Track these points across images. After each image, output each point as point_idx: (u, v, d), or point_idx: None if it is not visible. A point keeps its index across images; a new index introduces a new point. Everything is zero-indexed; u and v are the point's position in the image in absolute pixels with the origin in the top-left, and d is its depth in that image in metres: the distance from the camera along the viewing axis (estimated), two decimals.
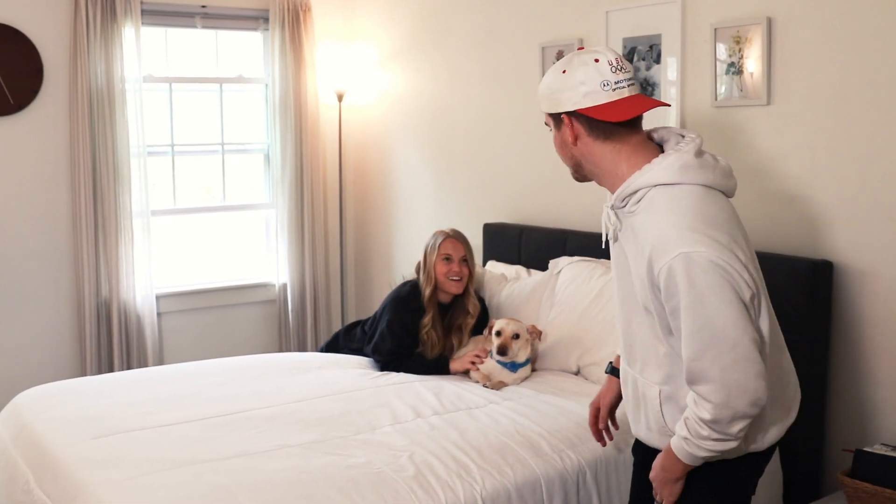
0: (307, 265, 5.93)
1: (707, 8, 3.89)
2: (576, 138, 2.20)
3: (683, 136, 2.22)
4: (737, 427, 2.07)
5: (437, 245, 4.19)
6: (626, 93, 2.14)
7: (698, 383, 2.06)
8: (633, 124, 2.19)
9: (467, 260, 4.20)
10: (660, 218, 2.08)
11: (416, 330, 4.12)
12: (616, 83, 2.14)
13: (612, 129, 2.17)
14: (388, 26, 5.86)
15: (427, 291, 4.15)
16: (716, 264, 2.00)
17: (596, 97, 2.14)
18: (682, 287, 2.01)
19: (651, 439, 2.32)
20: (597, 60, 2.15)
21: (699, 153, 2.17)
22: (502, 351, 3.82)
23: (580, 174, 2.31)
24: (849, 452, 3.36)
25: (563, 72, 2.17)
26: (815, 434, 3.54)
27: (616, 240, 2.25)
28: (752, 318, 2.06)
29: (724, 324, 2.01)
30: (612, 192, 2.22)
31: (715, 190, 2.17)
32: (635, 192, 2.14)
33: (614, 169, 2.21)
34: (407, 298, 4.19)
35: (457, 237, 4.24)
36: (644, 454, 2.44)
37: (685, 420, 2.13)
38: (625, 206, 2.17)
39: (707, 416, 2.06)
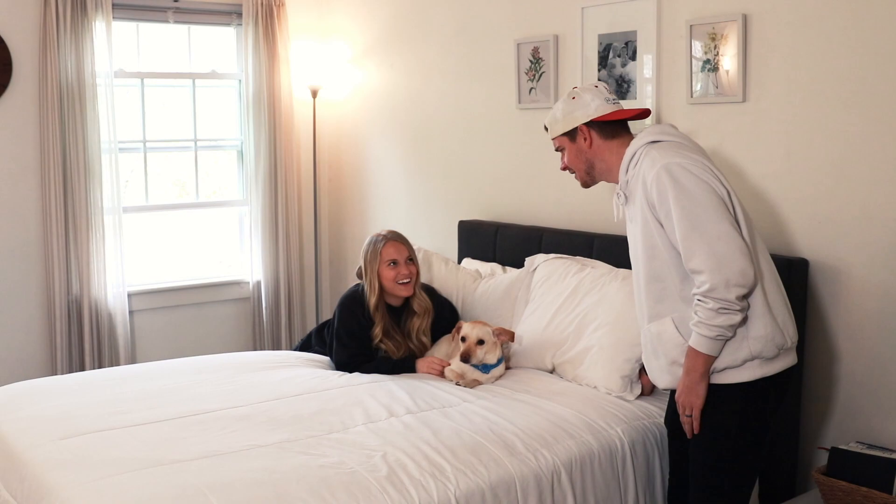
0: (281, 262, 5.88)
1: (683, 5, 3.88)
2: (591, 143, 2.90)
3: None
4: (734, 293, 2.55)
5: (379, 251, 4.03)
6: (619, 106, 2.94)
7: (692, 259, 2.59)
8: (627, 128, 2.93)
9: (412, 259, 4.10)
10: (649, 159, 2.71)
11: (366, 337, 4.02)
12: (613, 100, 2.93)
13: (617, 130, 2.91)
14: (363, 22, 5.82)
15: (372, 301, 4.01)
16: (691, 170, 2.64)
17: (604, 108, 2.89)
18: (668, 186, 2.62)
19: (671, 381, 2.79)
20: (596, 86, 2.95)
21: (674, 126, 2.87)
22: (465, 358, 3.79)
23: (591, 177, 2.97)
24: (824, 450, 3.36)
25: (573, 98, 2.92)
26: (790, 432, 3.53)
27: (630, 220, 2.86)
28: (729, 212, 2.63)
29: (706, 208, 2.59)
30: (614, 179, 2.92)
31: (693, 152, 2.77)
32: (632, 155, 2.78)
33: (620, 158, 2.86)
34: (351, 306, 4.08)
35: (397, 238, 4.09)
36: (675, 418, 2.87)
37: (694, 309, 2.63)
38: (628, 175, 2.79)
39: (705, 286, 2.56)
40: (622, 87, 4.15)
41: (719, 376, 2.70)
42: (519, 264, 4.40)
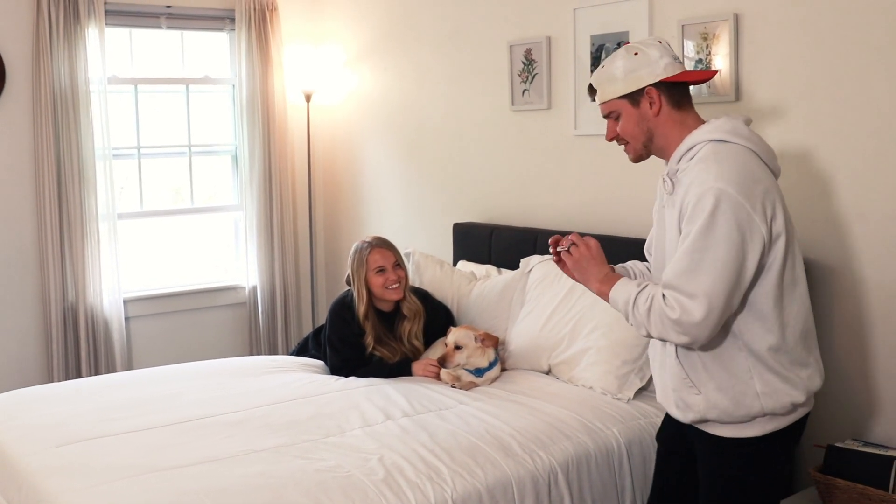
0: (277, 267, 5.88)
1: (674, 4, 3.88)
2: (659, 109, 2.46)
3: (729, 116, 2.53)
4: (675, 336, 2.33)
5: (365, 259, 4.03)
6: (684, 66, 2.52)
7: (675, 277, 2.32)
8: (691, 98, 2.54)
9: (399, 263, 4.09)
10: (706, 165, 2.34)
11: (358, 342, 4.02)
12: (679, 59, 2.51)
13: (684, 99, 2.50)
14: (356, 26, 5.82)
15: (361, 309, 4.01)
16: (737, 212, 2.27)
17: (674, 67, 2.46)
18: (706, 212, 2.27)
19: (664, 400, 2.58)
20: (660, 42, 2.51)
21: (748, 122, 2.48)
22: (441, 362, 3.80)
23: (647, 150, 2.53)
24: (821, 448, 3.36)
25: (636, 54, 2.46)
26: None
27: (663, 206, 2.51)
28: (741, 268, 2.29)
29: (718, 258, 2.27)
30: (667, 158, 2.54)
31: (760, 159, 2.42)
32: (692, 147, 2.41)
33: (681, 136, 2.46)
34: (341, 312, 4.08)
35: (382, 245, 4.09)
36: (670, 441, 2.70)
37: (649, 294, 2.38)
38: (680, 164, 2.43)
39: (676, 307, 2.30)
40: None
41: (727, 429, 2.45)
42: (514, 266, 4.40)
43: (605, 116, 2.54)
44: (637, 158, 2.56)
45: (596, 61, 4.23)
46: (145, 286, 5.69)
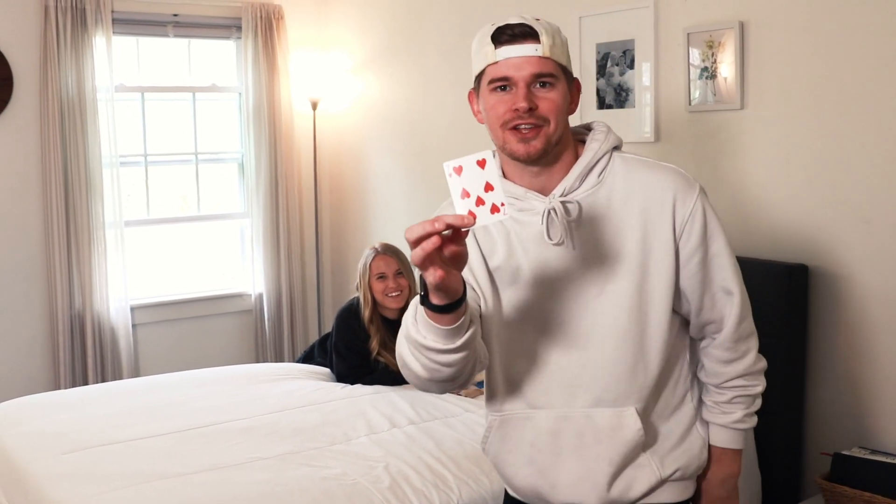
0: (283, 275, 5.89)
1: (680, 13, 3.89)
2: (577, 104, 1.90)
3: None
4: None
5: (368, 265, 4.08)
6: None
7: (748, 336, 1.94)
8: None
9: (402, 273, 4.09)
10: (654, 169, 1.87)
11: (365, 349, 4.03)
12: None
13: None
14: (362, 33, 5.84)
15: (366, 314, 4.05)
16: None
17: None
18: (714, 226, 1.86)
19: (597, 495, 1.90)
20: None
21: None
22: None
23: (550, 150, 1.82)
24: (827, 456, 3.36)
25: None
26: (793, 437, 3.53)
27: (568, 241, 1.82)
28: None
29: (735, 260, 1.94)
30: (551, 176, 1.86)
31: None
32: (598, 160, 1.86)
33: (572, 150, 1.89)
34: (347, 319, 4.11)
35: (387, 252, 4.12)
36: None
37: (732, 400, 1.95)
38: (585, 187, 1.84)
39: (762, 364, 1.99)
40: (621, 95, 4.16)
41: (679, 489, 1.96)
42: None
43: (537, 76, 1.78)
44: (543, 149, 1.80)
45: (601, 69, 4.23)
46: (152, 293, 5.70)
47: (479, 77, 1.85)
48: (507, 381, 1.90)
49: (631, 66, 4.11)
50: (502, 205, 1.48)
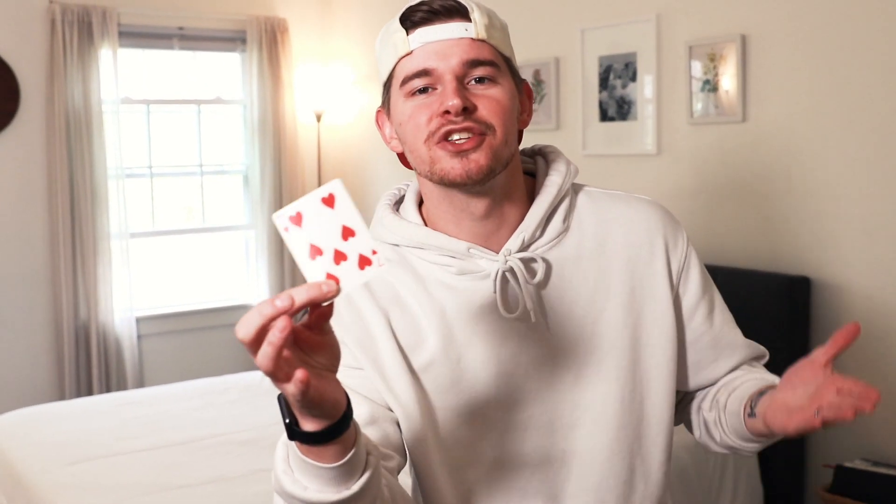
0: (287, 286, 5.90)
1: (682, 26, 3.91)
2: (530, 114, 1.41)
3: None
4: None
5: None
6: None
7: (757, 356, 1.51)
8: None
9: None
10: (629, 204, 1.41)
11: None
12: None
13: None
14: (366, 46, 5.86)
15: None
16: None
17: None
18: (704, 270, 1.44)
19: None
20: None
21: None
22: None
23: (500, 162, 1.28)
24: (829, 468, 3.36)
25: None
26: (795, 449, 3.53)
27: (533, 312, 1.32)
28: None
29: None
30: (501, 221, 1.34)
31: None
32: (561, 201, 1.37)
33: (524, 187, 1.38)
34: None
35: None
36: None
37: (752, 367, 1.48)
38: (540, 236, 1.34)
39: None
40: (623, 108, 4.18)
41: None
42: None
43: (471, 64, 1.27)
44: (489, 167, 1.25)
45: (604, 82, 4.25)
46: (157, 304, 5.72)
47: (387, 85, 1.34)
48: (462, 501, 1.34)
49: (633, 79, 4.13)
50: (374, 252, 0.97)
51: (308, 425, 1.03)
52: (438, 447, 1.31)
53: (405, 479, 1.33)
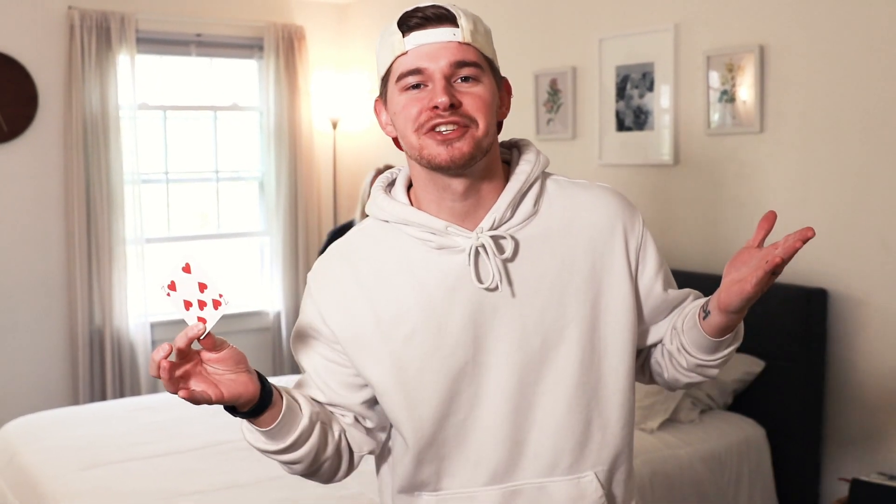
0: (301, 293, 5.89)
1: (700, 36, 3.90)
2: (508, 108, 1.63)
3: None
4: None
5: (370, 184, 4.22)
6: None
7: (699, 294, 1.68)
8: None
9: None
10: (592, 191, 1.60)
11: None
12: None
13: None
14: None
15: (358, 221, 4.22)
16: None
17: None
18: (656, 247, 1.64)
19: None
20: None
21: None
22: None
23: (481, 150, 1.48)
24: (845, 482, 3.34)
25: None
26: (811, 463, 3.51)
27: (502, 284, 1.50)
28: None
29: None
30: (478, 203, 1.53)
31: None
32: (530, 184, 1.56)
33: (501, 171, 1.58)
34: (337, 231, 4.34)
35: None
36: None
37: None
38: (510, 217, 1.53)
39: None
40: (640, 117, 4.17)
41: None
42: None
43: (458, 65, 1.46)
44: (471, 154, 1.46)
45: (621, 91, 4.25)
46: (172, 310, 5.71)
47: (385, 79, 1.54)
48: (436, 456, 1.54)
49: (650, 89, 4.12)
50: (220, 296, 1.38)
51: (240, 409, 1.43)
52: (418, 404, 1.51)
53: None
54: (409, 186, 1.59)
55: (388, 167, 4.13)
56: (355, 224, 4.10)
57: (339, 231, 4.23)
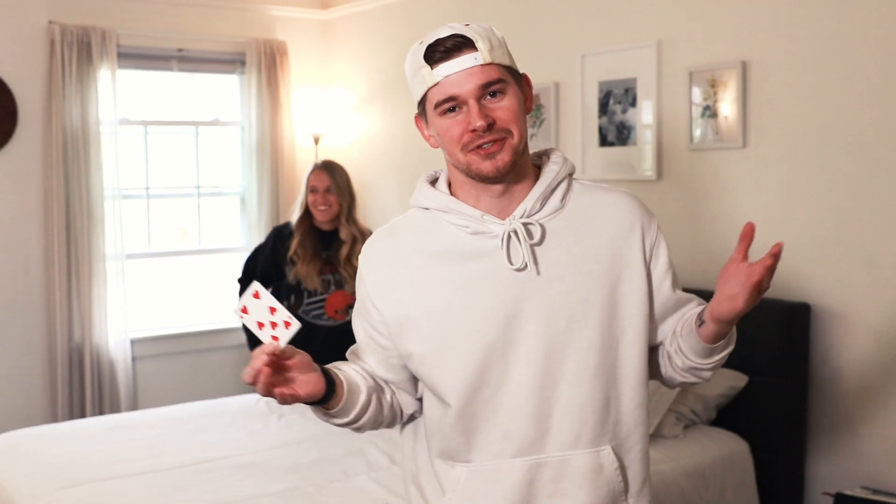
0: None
1: (682, 52, 3.92)
2: (531, 106, 1.79)
3: None
4: None
5: (307, 178, 4.26)
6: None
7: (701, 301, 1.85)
8: None
9: (331, 190, 4.21)
10: (615, 194, 1.80)
11: (274, 261, 4.24)
12: None
13: None
14: (365, 69, 5.87)
15: (296, 217, 4.26)
16: None
17: None
18: (667, 249, 1.82)
19: None
20: None
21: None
22: None
23: (518, 160, 1.69)
24: (829, 496, 3.34)
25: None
26: (794, 477, 3.51)
27: (531, 265, 1.68)
28: None
29: None
30: (512, 197, 1.72)
31: None
32: (558, 183, 1.74)
33: (529, 163, 1.77)
34: (277, 230, 4.37)
35: (323, 168, 4.27)
36: None
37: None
38: (539, 209, 1.71)
39: None
40: (622, 133, 4.18)
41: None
42: None
43: (485, 86, 1.65)
44: (512, 161, 1.66)
45: (604, 107, 4.25)
46: (152, 326, 5.69)
47: (422, 102, 1.74)
48: (467, 429, 1.70)
49: (633, 104, 4.14)
50: (289, 318, 1.60)
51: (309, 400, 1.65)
52: (455, 375, 1.68)
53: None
54: (449, 185, 1.79)
55: (324, 162, 4.34)
56: (292, 224, 4.24)
57: (283, 226, 4.38)
